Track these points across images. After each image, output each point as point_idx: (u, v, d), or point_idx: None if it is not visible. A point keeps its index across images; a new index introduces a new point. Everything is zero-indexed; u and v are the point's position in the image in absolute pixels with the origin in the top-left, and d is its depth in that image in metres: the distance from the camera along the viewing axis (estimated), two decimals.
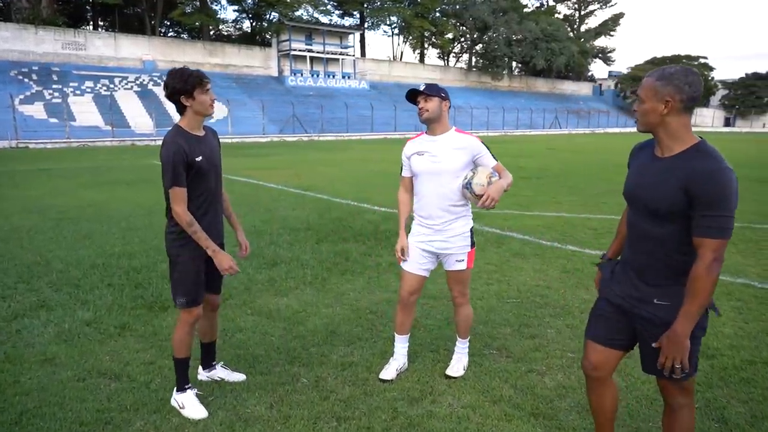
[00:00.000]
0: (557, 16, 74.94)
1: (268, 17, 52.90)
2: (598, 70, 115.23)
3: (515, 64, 70.46)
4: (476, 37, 66.37)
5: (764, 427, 2.89)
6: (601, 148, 29.57)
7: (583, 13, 78.98)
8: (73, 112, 34.03)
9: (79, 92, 36.28)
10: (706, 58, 77.72)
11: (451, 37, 68.21)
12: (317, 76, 51.21)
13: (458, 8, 63.19)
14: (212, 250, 2.83)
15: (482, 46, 66.58)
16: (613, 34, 79.36)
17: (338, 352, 3.79)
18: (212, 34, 53.70)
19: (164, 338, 3.95)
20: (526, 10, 69.70)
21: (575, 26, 78.52)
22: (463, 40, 69.56)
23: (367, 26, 61.36)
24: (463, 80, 63.87)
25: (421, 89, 3.11)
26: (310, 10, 54.12)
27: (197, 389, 3.15)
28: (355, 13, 60.88)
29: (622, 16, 78.18)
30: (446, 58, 71.36)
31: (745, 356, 3.69)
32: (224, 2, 57.58)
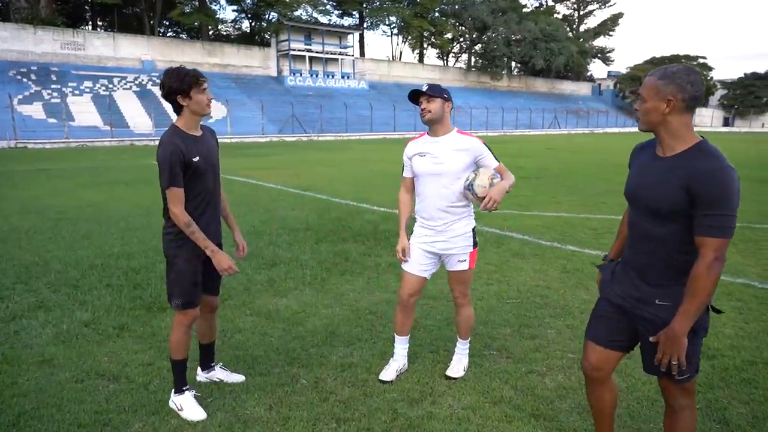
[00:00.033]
0: (556, 16, 75.02)
1: (267, 17, 52.89)
2: (597, 70, 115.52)
3: (514, 64, 70.54)
4: (475, 37, 66.41)
5: (766, 428, 2.88)
6: (600, 147, 29.57)
7: (582, 13, 79.06)
8: (71, 112, 34.01)
9: (77, 92, 36.26)
10: (705, 58, 77.97)
11: (450, 37, 68.25)
12: (316, 76, 51.21)
13: (457, 8, 63.23)
14: (211, 250, 2.81)
15: (481, 46, 66.66)
16: (612, 34, 79.53)
17: (338, 353, 3.78)
18: (211, 34, 53.71)
19: (163, 339, 3.93)
20: (525, 10, 69.80)
21: (574, 26, 78.59)
22: (462, 40, 69.61)
23: (366, 26, 61.40)
24: (462, 80, 63.90)
25: (423, 90, 3.08)
26: (309, 10, 54.22)
27: (196, 390, 3.13)
28: (354, 13, 60.93)
29: (621, 16, 78.31)
30: (445, 58, 71.39)
31: (746, 357, 3.68)
32: (223, 2, 57.56)
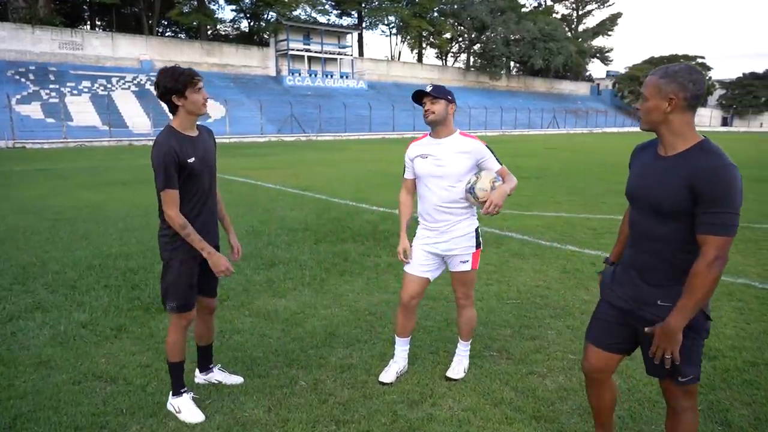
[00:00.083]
0: (555, 15, 75.08)
1: (266, 17, 52.86)
2: (595, 69, 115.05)
3: (513, 63, 70.58)
4: (474, 36, 66.41)
5: None
6: (599, 147, 29.57)
7: (580, 12, 79.11)
8: (70, 112, 33.96)
9: (76, 92, 36.20)
10: (703, 57, 77.83)
11: (449, 36, 68.27)
12: (315, 75, 51.17)
13: (456, 8, 63.22)
14: (207, 252, 2.79)
15: (480, 45, 66.65)
16: (610, 33, 79.53)
17: (337, 354, 3.75)
18: (210, 33, 53.67)
19: (161, 340, 3.90)
20: (523, 9, 69.84)
21: (573, 26, 78.63)
22: (461, 39, 69.60)
23: (365, 26, 61.38)
24: (461, 80, 63.88)
25: (427, 90, 3.04)
26: (308, 9, 54.20)
27: (194, 393, 3.11)
28: (353, 12, 60.92)
29: (619, 15, 78.41)
30: (444, 57, 71.39)
31: (747, 357, 3.66)
32: (222, 2, 57.64)
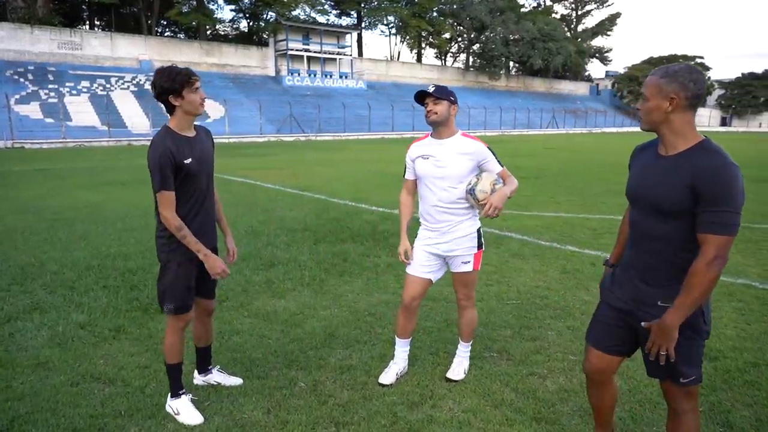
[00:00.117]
0: (554, 15, 75.10)
1: (265, 17, 52.82)
2: (595, 69, 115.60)
3: (512, 63, 70.57)
4: (473, 36, 66.39)
5: None
6: (598, 147, 29.56)
7: (580, 12, 79.13)
8: (69, 112, 33.90)
9: (75, 92, 36.14)
10: (702, 57, 77.99)
11: (448, 36, 68.25)
12: (314, 75, 51.14)
13: (455, 8, 63.20)
14: (203, 254, 2.76)
15: (479, 45, 66.62)
16: (609, 33, 79.52)
17: (336, 355, 3.74)
18: (209, 33, 53.62)
19: (159, 341, 3.88)
20: (523, 9, 69.86)
21: (572, 26, 78.64)
22: (460, 39, 69.59)
23: (364, 26, 61.34)
24: (460, 80, 63.85)
25: (430, 90, 3.03)
26: (307, 9, 54.12)
27: (192, 394, 3.09)
28: (352, 12, 60.89)
29: (618, 15, 78.43)
30: (443, 57, 71.37)
31: (748, 358, 3.65)
32: (221, 2, 57.67)
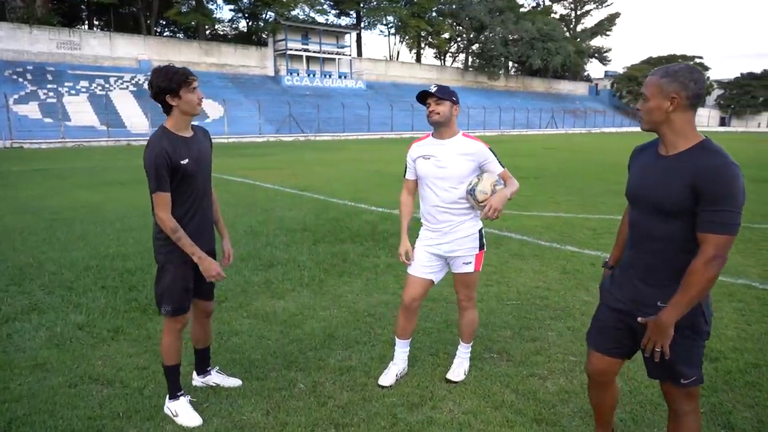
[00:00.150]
0: (553, 15, 75.14)
1: (264, 17, 52.77)
2: (594, 69, 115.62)
3: (512, 63, 70.56)
4: (473, 36, 66.38)
5: None
6: (597, 147, 29.57)
7: (579, 12, 79.18)
8: (68, 111, 33.86)
9: (74, 92, 36.10)
10: (701, 57, 78.10)
11: (447, 36, 68.25)
12: (314, 75, 51.11)
13: (454, 8, 63.21)
14: (198, 256, 2.74)
15: (479, 45, 66.63)
16: (608, 33, 79.60)
17: (336, 356, 3.72)
18: (208, 33, 53.55)
19: (158, 342, 3.84)
20: (522, 9, 69.85)
21: (571, 26, 78.69)
22: (459, 39, 69.59)
23: (363, 26, 61.30)
24: (459, 80, 63.85)
25: (432, 91, 3.01)
26: (306, 9, 54.09)
27: (191, 396, 3.07)
28: (351, 12, 60.87)
29: (617, 15, 78.50)
30: (443, 57, 71.36)
31: (749, 359, 3.64)
32: (220, 2, 57.60)
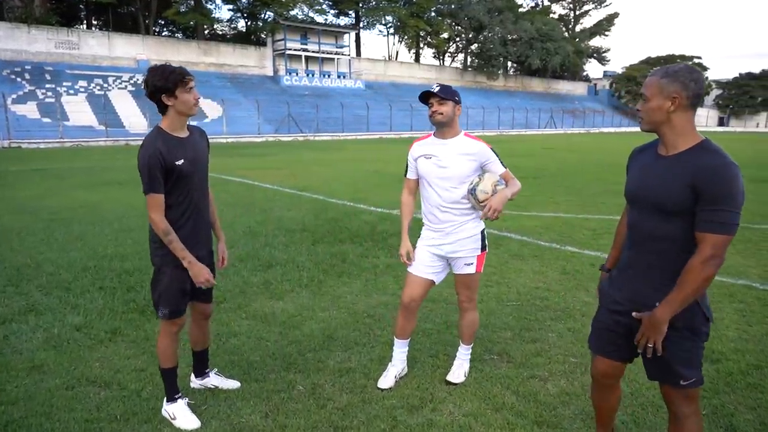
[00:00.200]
0: (552, 15, 75.09)
1: (263, 16, 52.67)
2: (593, 70, 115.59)
3: (510, 63, 70.51)
4: (471, 36, 66.35)
5: None
6: (596, 147, 29.57)
7: (578, 13, 79.19)
8: (66, 111, 33.75)
9: (72, 92, 35.98)
10: (700, 57, 78.19)
11: (446, 36, 68.21)
12: (312, 75, 51.04)
13: (453, 8, 63.16)
14: (188, 261, 2.70)
15: (477, 45, 66.59)
16: (607, 34, 79.60)
17: (335, 357, 3.70)
18: (207, 33, 53.45)
19: (156, 344, 3.83)
20: (521, 9, 69.78)
21: (570, 26, 78.69)
22: (458, 39, 69.56)
23: (362, 26, 61.21)
24: (458, 80, 63.78)
25: (434, 91, 3.00)
26: (305, 9, 53.96)
27: (189, 398, 3.05)
28: (350, 12, 60.77)
29: (616, 16, 78.65)
30: (442, 57, 71.34)
31: (750, 360, 3.62)
32: (219, 1, 57.47)
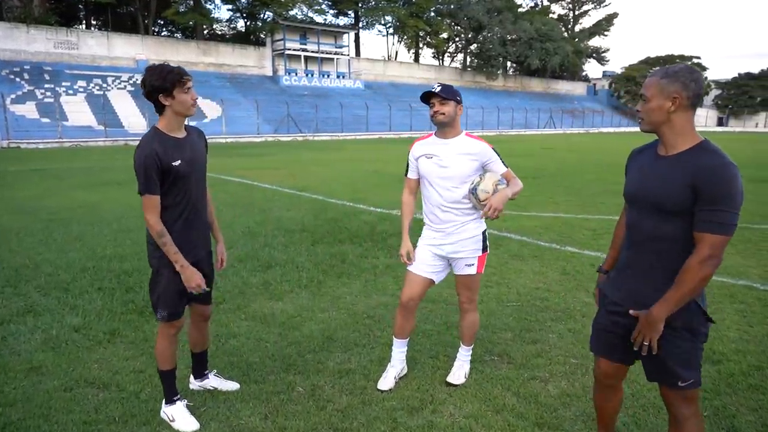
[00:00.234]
0: (551, 16, 75.11)
1: (262, 16, 52.63)
2: (592, 70, 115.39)
3: (510, 63, 70.50)
4: (471, 36, 66.35)
5: None
6: (596, 147, 29.57)
7: (577, 13, 79.21)
8: (65, 111, 33.71)
9: (71, 92, 35.94)
10: (699, 58, 78.10)
11: (445, 36, 68.22)
12: (312, 75, 51.02)
13: (453, 8, 63.16)
14: (180, 265, 2.67)
15: (477, 45, 66.59)
16: (607, 34, 79.64)
17: (335, 358, 3.68)
18: (206, 33, 53.39)
19: (155, 345, 3.82)
20: (520, 9, 69.77)
21: (569, 26, 78.70)
22: (457, 39, 69.57)
23: (361, 26, 61.18)
24: (458, 80, 63.74)
25: (436, 91, 2.98)
26: (304, 9, 53.91)
27: (188, 400, 3.04)
28: (349, 12, 60.74)
29: (616, 16, 78.51)
30: (441, 57, 71.33)
31: (752, 361, 3.61)
32: (218, 1, 57.40)
